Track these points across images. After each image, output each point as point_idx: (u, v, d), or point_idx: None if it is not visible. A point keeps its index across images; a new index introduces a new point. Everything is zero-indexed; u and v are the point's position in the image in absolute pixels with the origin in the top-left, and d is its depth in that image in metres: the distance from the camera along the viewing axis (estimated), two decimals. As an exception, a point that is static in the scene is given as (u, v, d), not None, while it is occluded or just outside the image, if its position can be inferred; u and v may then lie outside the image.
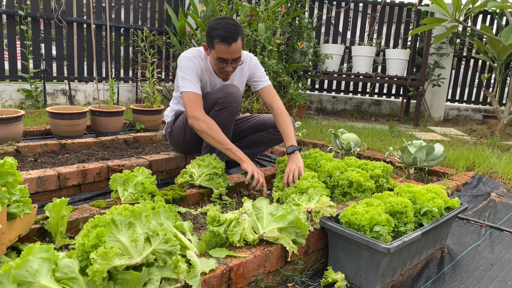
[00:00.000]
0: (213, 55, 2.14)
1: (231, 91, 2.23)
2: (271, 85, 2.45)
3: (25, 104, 4.55)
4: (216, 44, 2.06)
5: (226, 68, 2.17)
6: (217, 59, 2.13)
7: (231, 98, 2.22)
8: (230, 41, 2.04)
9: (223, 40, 2.04)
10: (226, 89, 2.24)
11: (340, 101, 6.92)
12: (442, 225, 1.67)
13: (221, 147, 2.09)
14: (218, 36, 2.04)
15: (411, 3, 6.51)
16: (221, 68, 2.18)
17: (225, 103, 2.22)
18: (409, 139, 3.56)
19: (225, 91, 2.23)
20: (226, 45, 2.05)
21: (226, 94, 2.21)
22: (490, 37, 4.76)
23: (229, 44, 2.05)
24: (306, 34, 5.83)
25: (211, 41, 2.08)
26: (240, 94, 2.29)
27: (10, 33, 4.60)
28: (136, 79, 5.62)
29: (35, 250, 0.92)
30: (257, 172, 2.01)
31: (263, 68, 2.47)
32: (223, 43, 2.05)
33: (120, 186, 1.77)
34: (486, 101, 6.84)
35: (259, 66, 2.45)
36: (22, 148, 2.54)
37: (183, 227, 1.26)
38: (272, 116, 2.56)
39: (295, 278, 1.45)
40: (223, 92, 2.23)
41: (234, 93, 2.23)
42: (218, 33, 2.04)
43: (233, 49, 2.08)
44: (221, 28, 2.04)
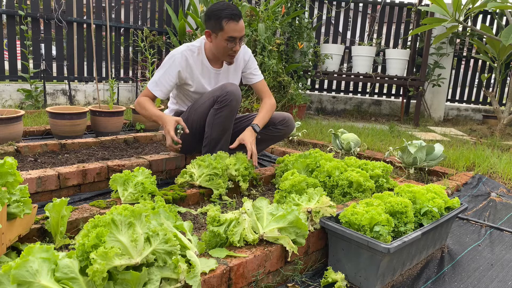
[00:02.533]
0: (222, 36, 2.19)
1: (230, 89, 2.23)
2: (264, 80, 2.56)
3: (25, 104, 4.55)
4: (225, 23, 2.14)
5: (235, 47, 2.24)
6: (227, 39, 2.19)
7: (230, 96, 2.22)
8: (237, 18, 2.15)
9: (232, 18, 2.14)
10: (226, 88, 2.24)
11: (340, 101, 6.92)
12: (442, 225, 1.67)
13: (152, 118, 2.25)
14: (227, 16, 2.14)
15: (411, 3, 6.51)
16: (230, 48, 2.23)
17: (224, 101, 2.22)
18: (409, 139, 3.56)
19: (224, 90, 2.24)
20: (235, 23, 2.15)
21: (226, 93, 2.22)
22: (490, 37, 4.76)
23: (237, 21, 2.15)
24: (306, 34, 5.83)
25: (219, 22, 2.16)
26: (239, 92, 2.30)
27: (10, 33, 4.61)
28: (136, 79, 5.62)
29: (35, 250, 0.92)
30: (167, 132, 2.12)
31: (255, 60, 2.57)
32: (233, 21, 2.14)
33: (120, 186, 1.77)
34: (486, 101, 6.84)
35: (253, 59, 2.54)
36: (22, 148, 2.54)
37: (183, 227, 1.26)
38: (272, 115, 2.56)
39: (295, 278, 1.45)
40: (222, 91, 2.24)
41: (233, 92, 2.24)
42: (226, 12, 2.13)
43: (241, 25, 2.19)
44: (226, 8, 2.15)
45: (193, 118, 2.35)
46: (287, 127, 2.52)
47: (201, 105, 2.31)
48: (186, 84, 2.38)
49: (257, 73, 2.53)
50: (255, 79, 2.52)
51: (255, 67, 2.53)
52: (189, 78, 2.34)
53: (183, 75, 2.31)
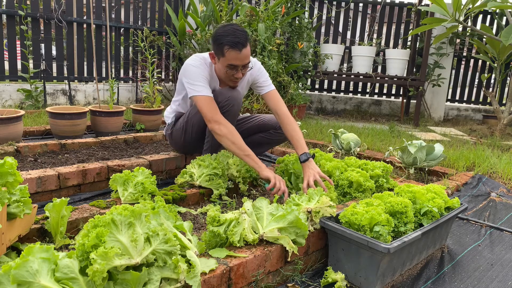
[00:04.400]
0: (223, 63, 2.10)
1: (231, 94, 2.22)
2: (275, 90, 2.40)
3: (25, 104, 4.55)
4: (226, 51, 2.03)
5: (236, 75, 2.13)
6: (227, 66, 2.09)
7: (232, 101, 2.21)
8: (240, 47, 2.02)
9: (233, 46, 2.01)
10: (227, 93, 2.23)
11: (340, 101, 6.92)
12: (442, 225, 1.67)
13: (241, 153, 2.02)
14: (228, 43, 2.01)
15: (411, 3, 6.51)
16: (231, 75, 2.14)
17: (226, 106, 2.21)
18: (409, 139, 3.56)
19: (225, 95, 2.22)
20: (237, 51, 2.02)
21: (227, 98, 2.21)
22: (490, 37, 4.76)
23: (239, 50, 2.02)
24: (306, 34, 5.83)
25: (221, 48, 2.05)
26: (240, 97, 2.29)
27: (10, 33, 4.60)
28: (136, 79, 5.62)
29: (35, 250, 0.92)
30: (278, 180, 1.93)
31: (267, 73, 2.44)
32: (234, 50, 2.02)
33: (120, 186, 1.77)
34: (486, 101, 6.84)
35: (262, 70, 2.41)
36: (22, 148, 2.53)
37: (183, 227, 1.26)
38: (273, 117, 2.56)
39: (295, 278, 1.45)
40: (223, 96, 2.22)
41: (235, 97, 2.23)
42: (228, 39, 2.01)
43: (243, 55, 2.05)
44: (230, 35, 2.02)
45: (193, 121, 2.34)
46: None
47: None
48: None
49: (267, 84, 2.39)
50: (264, 90, 2.39)
51: (264, 79, 2.39)
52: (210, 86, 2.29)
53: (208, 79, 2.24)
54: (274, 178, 1.92)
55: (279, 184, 1.91)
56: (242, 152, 2.02)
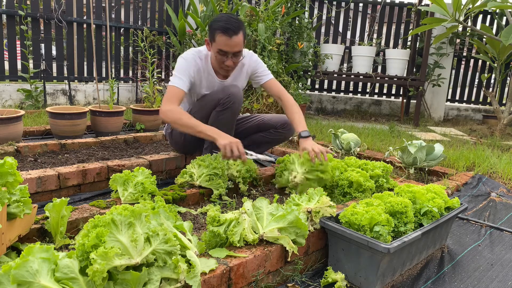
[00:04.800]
0: (214, 48, 2.14)
1: (232, 91, 2.23)
2: (274, 78, 2.44)
3: (25, 104, 4.55)
4: (217, 35, 2.09)
5: (227, 62, 2.16)
6: (217, 51, 2.13)
7: (233, 99, 2.22)
8: (231, 33, 2.06)
9: (224, 31, 2.06)
10: (228, 90, 2.24)
11: (340, 101, 6.92)
12: (442, 225, 1.67)
13: (193, 131, 2.06)
14: (219, 28, 2.07)
15: (411, 3, 6.51)
16: (222, 62, 2.17)
17: (227, 103, 2.22)
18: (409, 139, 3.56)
19: (226, 92, 2.23)
20: (227, 37, 2.07)
21: (228, 95, 2.22)
22: (490, 37, 4.76)
23: (229, 36, 2.07)
24: (306, 34, 5.83)
25: (213, 33, 2.11)
26: (241, 95, 2.29)
27: (10, 33, 4.60)
28: (136, 79, 5.62)
29: (35, 250, 0.92)
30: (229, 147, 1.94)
31: (264, 64, 2.46)
32: (224, 35, 2.07)
33: (120, 186, 1.77)
34: (486, 101, 6.84)
35: (259, 62, 2.44)
36: (22, 148, 2.53)
37: (183, 227, 1.26)
38: (273, 116, 2.56)
39: (295, 278, 1.45)
40: (224, 93, 2.23)
41: (235, 94, 2.24)
42: (219, 24, 2.07)
43: (233, 42, 2.09)
44: (223, 21, 2.08)
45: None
46: (288, 130, 2.52)
47: (203, 107, 2.30)
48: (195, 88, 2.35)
49: (266, 73, 2.43)
50: (263, 79, 2.42)
51: (263, 69, 2.43)
52: (197, 84, 2.32)
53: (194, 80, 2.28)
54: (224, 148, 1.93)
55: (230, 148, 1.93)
56: (194, 130, 2.05)
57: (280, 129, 2.51)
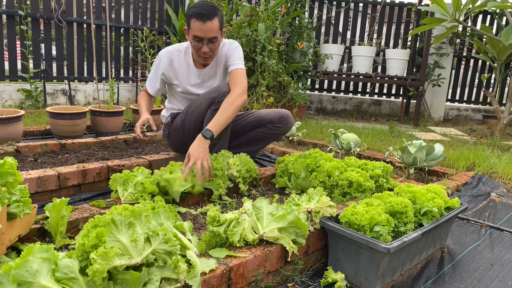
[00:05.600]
0: (190, 35, 2.18)
1: (227, 90, 2.23)
2: (243, 70, 2.29)
3: (25, 104, 4.55)
4: (191, 22, 2.12)
5: (203, 48, 2.18)
6: (193, 38, 2.16)
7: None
8: (204, 18, 2.08)
9: (198, 17, 2.08)
10: (222, 89, 2.25)
11: (340, 101, 6.92)
12: (442, 225, 1.67)
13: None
14: (193, 14, 2.10)
15: (411, 3, 6.51)
16: (198, 49, 2.20)
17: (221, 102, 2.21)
18: (409, 139, 3.56)
19: (221, 91, 2.24)
20: (201, 22, 2.08)
21: (223, 94, 2.22)
22: (490, 37, 4.76)
23: (203, 21, 2.08)
24: (306, 34, 5.83)
25: (188, 20, 2.14)
26: None
27: (10, 33, 4.60)
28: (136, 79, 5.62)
29: (35, 250, 0.92)
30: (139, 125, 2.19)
31: (242, 54, 2.36)
32: (197, 20, 2.09)
33: (120, 186, 1.77)
34: (486, 101, 6.84)
35: (237, 50, 2.34)
36: (22, 148, 2.53)
37: (183, 227, 1.26)
38: (270, 112, 2.55)
39: (295, 278, 1.45)
40: (219, 92, 2.24)
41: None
42: (193, 11, 2.10)
43: (208, 27, 2.10)
44: (197, 7, 2.10)
45: (190, 119, 2.34)
46: (285, 124, 2.51)
47: (198, 106, 2.31)
48: (173, 84, 2.42)
49: (234, 63, 2.29)
50: (230, 67, 2.30)
51: (235, 58, 2.31)
52: (173, 79, 2.38)
53: (168, 75, 2.37)
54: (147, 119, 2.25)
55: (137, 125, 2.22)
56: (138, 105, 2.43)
57: (277, 123, 2.49)
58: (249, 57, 4.71)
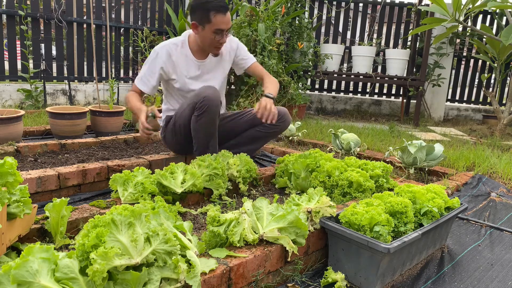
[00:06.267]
0: (210, 29, 2.17)
1: (206, 95, 2.14)
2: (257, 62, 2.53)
3: (25, 104, 4.55)
4: (213, 16, 2.12)
5: (222, 39, 2.21)
6: (215, 31, 2.17)
7: (207, 102, 2.13)
8: (224, 10, 2.12)
9: (219, 10, 2.11)
10: (202, 93, 2.16)
11: (340, 101, 6.92)
12: (442, 225, 1.67)
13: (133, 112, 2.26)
14: (214, 8, 2.11)
15: (411, 3, 6.51)
16: (217, 41, 2.21)
17: (202, 108, 2.15)
18: (409, 139, 3.56)
19: (201, 96, 2.15)
20: (222, 15, 2.12)
21: (202, 99, 2.14)
22: (490, 37, 4.76)
23: (224, 13, 2.13)
24: (306, 34, 5.83)
25: (207, 14, 2.13)
26: (217, 95, 2.19)
27: (10, 33, 4.61)
28: (136, 79, 5.62)
29: (35, 250, 0.92)
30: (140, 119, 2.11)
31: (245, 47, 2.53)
32: (220, 13, 2.11)
33: (120, 186, 1.77)
34: (486, 101, 6.84)
35: (240, 46, 2.49)
36: (22, 148, 2.53)
37: (183, 227, 1.26)
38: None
39: (295, 278, 1.45)
40: (199, 97, 2.16)
41: (209, 97, 2.14)
42: (213, 4, 2.11)
43: (228, 18, 2.16)
44: (213, 1, 2.11)
45: (179, 123, 2.33)
46: (283, 122, 2.49)
47: (184, 111, 2.27)
48: (170, 80, 2.38)
49: (248, 56, 2.49)
50: (247, 63, 2.49)
51: (245, 53, 2.49)
52: (172, 73, 2.34)
53: (166, 69, 2.33)
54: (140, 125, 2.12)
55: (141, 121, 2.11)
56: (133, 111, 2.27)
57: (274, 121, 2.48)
58: (249, 57, 4.71)
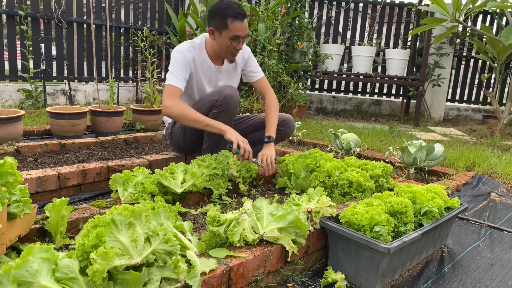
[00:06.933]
0: (227, 35, 2.18)
1: (228, 93, 2.23)
2: (264, 77, 2.55)
3: (25, 104, 4.55)
4: (231, 22, 2.13)
5: (238, 46, 2.22)
6: (232, 37, 2.18)
7: (228, 101, 2.22)
8: (242, 17, 2.14)
9: (237, 17, 2.12)
10: (223, 91, 2.24)
11: (340, 101, 6.92)
12: (442, 225, 1.67)
13: (200, 125, 2.13)
14: (232, 14, 2.12)
15: (411, 3, 6.51)
16: (234, 47, 2.22)
17: (223, 105, 2.22)
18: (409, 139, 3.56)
19: (222, 94, 2.23)
20: (240, 21, 2.14)
21: (224, 97, 2.22)
22: (490, 37, 4.76)
23: (242, 20, 2.14)
24: (306, 34, 5.83)
25: (224, 20, 2.14)
26: (237, 95, 2.29)
27: (10, 33, 4.60)
28: (136, 79, 5.62)
29: (35, 250, 0.92)
30: (242, 140, 2.06)
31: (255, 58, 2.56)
32: (238, 20, 2.13)
33: (120, 186, 1.77)
34: (486, 101, 6.84)
35: (252, 56, 2.52)
36: (22, 148, 2.53)
37: (183, 227, 1.26)
38: None
39: (295, 278, 1.45)
40: (220, 95, 2.23)
41: (231, 95, 2.23)
42: (231, 11, 2.12)
43: (245, 25, 2.18)
44: (232, 7, 2.13)
45: None
46: (287, 128, 2.52)
47: (200, 108, 2.29)
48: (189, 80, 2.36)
49: (257, 70, 2.53)
50: (255, 77, 2.52)
51: (255, 65, 2.53)
52: (194, 74, 2.35)
53: (190, 70, 2.31)
54: (237, 139, 2.04)
55: (243, 144, 2.04)
56: (201, 124, 2.13)
57: (279, 126, 2.50)
58: (249, 57, 4.71)
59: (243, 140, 2.06)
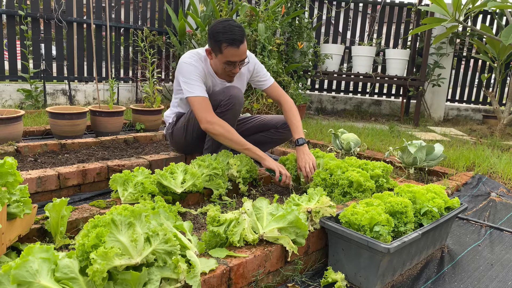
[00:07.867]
0: (221, 59, 2.13)
1: (233, 93, 2.23)
2: (275, 81, 2.50)
3: (25, 104, 4.55)
4: (224, 48, 2.06)
5: (234, 70, 2.18)
6: (225, 62, 2.12)
7: (233, 100, 2.22)
8: (238, 43, 2.05)
9: (231, 43, 2.04)
10: (229, 92, 2.24)
11: (340, 101, 6.92)
12: (442, 225, 1.67)
13: (240, 148, 2.11)
14: (226, 40, 2.04)
15: (411, 3, 6.51)
16: (229, 71, 2.18)
17: (227, 105, 2.22)
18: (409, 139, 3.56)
19: (227, 94, 2.23)
20: (235, 48, 2.06)
21: (229, 97, 2.22)
22: (490, 37, 4.76)
23: (237, 47, 2.06)
24: (306, 34, 5.83)
25: (218, 45, 2.07)
26: (242, 96, 2.30)
27: (10, 33, 4.60)
28: (136, 79, 5.62)
29: (35, 250, 0.92)
30: (280, 167, 2.09)
31: (263, 66, 2.51)
32: (232, 47, 2.05)
33: (120, 186, 1.77)
34: (486, 101, 6.84)
35: (259, 64, 2.47)
36: (22, 148, 2.53)
37: (183, 227, 1.26)
38: (274, 117, 2.57)
39: (295, 278, 1.45)
40: (225, 95, 2.23)
41: (236, 96, 2.24)
42: (226, 37, 2.03)
43: (241, 51, 2.09)
44: (228, 32, 2.03)
45: (194, 120, 2.34)
46: (289, 130, 2.52)
47: None
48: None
49: (266, 78, 2.47)
50: (265, 85, 2.47)
51: (264, 73, 2.47)
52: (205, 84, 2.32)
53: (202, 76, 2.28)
54: (277, 167, 2.07)
55: (284, 171, 2.07)
56: (241, 147, 2.12)
57: (281, 129, 2.51)
58: (249, 57, 4.71)
59: (281, 167, 2.10)
